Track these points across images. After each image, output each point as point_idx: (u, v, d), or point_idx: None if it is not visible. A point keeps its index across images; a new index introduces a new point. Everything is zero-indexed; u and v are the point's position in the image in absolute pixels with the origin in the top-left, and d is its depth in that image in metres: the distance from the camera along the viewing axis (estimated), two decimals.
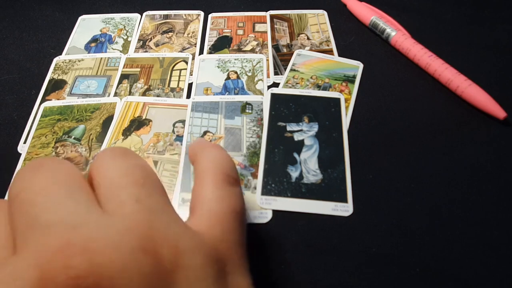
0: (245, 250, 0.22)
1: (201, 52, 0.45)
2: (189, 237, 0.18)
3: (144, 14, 0.51)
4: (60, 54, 0.46)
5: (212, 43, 0.46)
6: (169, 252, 0.17)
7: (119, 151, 0.21)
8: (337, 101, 0.39)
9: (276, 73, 0.42)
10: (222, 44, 0.46)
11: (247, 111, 0.38)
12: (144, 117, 0.38)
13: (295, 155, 0.35)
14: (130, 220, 0.17)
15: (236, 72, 0.42)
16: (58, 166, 0.19)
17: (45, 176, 0.18)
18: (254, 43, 0.46)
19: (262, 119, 0.37)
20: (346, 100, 0.39)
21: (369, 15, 0.46)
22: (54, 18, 0.51)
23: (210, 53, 0.45)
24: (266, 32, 0.47)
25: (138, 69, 0.43)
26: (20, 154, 0.36)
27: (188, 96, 0.40)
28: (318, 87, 0.40)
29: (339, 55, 0.44)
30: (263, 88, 0.41)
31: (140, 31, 0.48)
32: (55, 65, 0.44)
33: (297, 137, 0.36)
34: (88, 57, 0.45)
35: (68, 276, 0.14)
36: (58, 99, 0.40)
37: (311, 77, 0.41)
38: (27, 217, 0.17)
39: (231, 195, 0.22)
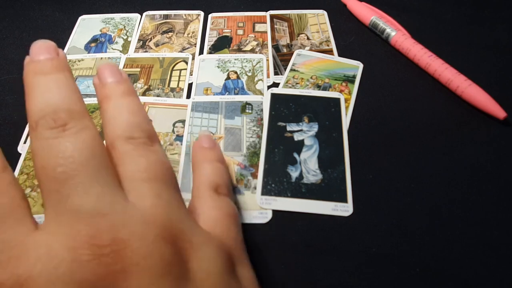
0: (244, 246, 0.24)
1: (201, 52, 0.45)
2: (200, 232, 0.20)
3: (144, 14, 0.51)
4: None
5: (212, 43, 0.46)
6: (185, 244, 0.18)
7: (143, 140, 0.21)
8: (337, 101, 0.39)
9: (276, 73, 0.42)
10: (222, 44, 0.46)
11: (247, 111, 0.38)
12: None
13: (295, 155, 0.35)
14: (151, 212, 0.18)
15: (236, 72, 0.42)
16: (82, 133, 0.19)
17: (72, 149, 0.18)
18: (254, 43, 0.46)
19: (262, 119, 0.37)
20: (346, 100, 0.39)
21: (369, 15, 0.46)
22: (54, 18, 0.51)
23: (210, 53, 0.45)
24: (266, 32, 0.47)
25: (138, 69, 0.43)
26: (20, 154, 0.36)
27: (188, 96, 0.40)
28: (318, 87, 0.40)
29: (339, 55, 0.44)
30: (263, 88, 0.41)
31: (140, 31, 0.48)
32: None
33: (297, 137, 0.36)
34: (88, 57, 0.45)
35: (99, 262, 0.16)
36: None
37: (311, 77, 0.41)
38: (58, 195, 0.17)
39: (223, 203, 0.25)
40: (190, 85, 0.41)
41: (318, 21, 0.49)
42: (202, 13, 0.50)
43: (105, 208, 0.17)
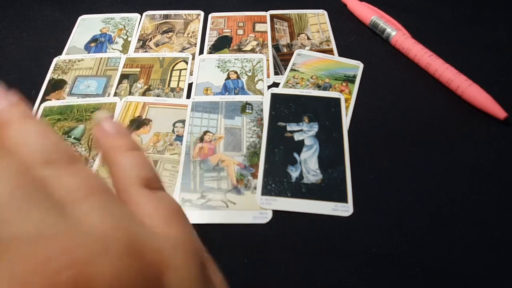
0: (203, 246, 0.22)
1: (201, 52, 0.45)
2: (164, 239, 0.18)
3: (144, 14, 0.51)
4: (60, 54, 0.46)
5: (212, 43, 0.46)
6: (153, 256, 0.16)
7: (68, 158, 0.19)
8: (337, 101, 0.39)
9: (276, 73, 0.42)
10: (222, 44, 0.46)
11: (247, 111, 0.38)
12: (144, 117, 0.38)
13: (295, 155, 0.35)
14: (104, 228, 0.16)
15: (236, 72, 0.42)
16: (4, 162, 0.16)
17: (8, 188, 0.16)
18: (254, 43, 0.46)
19: (262, 119, 0.37)
20: (346, 100, 0.39)
21: (370, 15, 0.46)
22: (54, 18, 0.51)
23: (210, 53, 0.45)
24: (266, 32, 0.47)
25: (138, 69, 0.43)
26: None
27: (188, 96, 0.40)
28: (318, 87, 0.40)
29: (339, 55, 0.44)
30: (263, 88, 0.41)
31: (140, 31, 0.48)
32: (55, 65, 0.44)
33: (297, 137, 0.36)
34: (88, 57, 0.45)
35: None
36: (58, 99, 0.40)
37: (311, 77, 0.41)
38: None
39: (164, 200, 0.21)
40: (190, 85, 0.41)
41: (318, 21, 0.49)
42: (202, 13, 0.50)
43: (51, 230, 0.15)
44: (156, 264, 0.16)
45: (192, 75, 0.43)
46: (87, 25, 0.49)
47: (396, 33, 0.44)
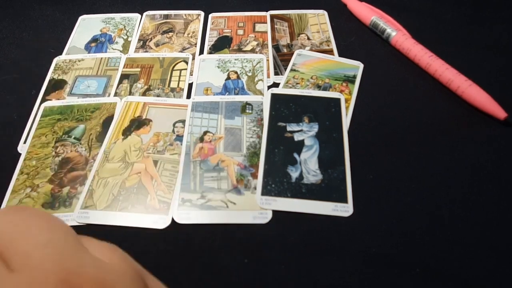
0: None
1: (201, 52, 0.45)
2: (108, 267, 0.17)
3: (144, 14, 0.51)
4: (60, 54, 0.46)
5: (212, 43, 0.46)
6: (93, 286, 0.16)
7: (5, 209, 0.18)
8: (337, 101, 0.39)
9: (276, 73, 0.42)
10: (222, 44, 0.46)
11: (247, 111, 0.38)
12: (144, 117, 0.38)
13: (295, 155, 0.35)
14: (40, 270, 0.15)
15: (236, 72, 0.42)
16: None
17: None
18: (254, 43, 0.46)
19: (262, 119, 0.37)
20: (346, 100, 0.39)
21: (370, 15, 0.46)
22: (54, 18, 0.51)
23: (210, 53, 0.45)
24: (266, 32, 0.47)
25: (138, 69, 0.43)
26: (20, 154, 0.36)
27: (188, 96, 0.40)
28: (318, 87, 0.40)
29: (339, 55, 0.44)
30: (263, 88, 0.41)
31: (140, 31, 0.48)
32: (55, 65, 0.44)
33: (297, 137, 0.36)
34: (88, 57, 0.45)
35: None
36: (58, 99, 0.40)
37: (311, 77, 0.41)
38: None
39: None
40: (190, 85, 0.41)
41: (318, 21, 0.49)
42: (202, 13, 0.50)
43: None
44: None
45: (192, 75, 0.43)
46: (88, 25, 0.50)
47: (396, 33, 0.44)
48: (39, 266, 0.15)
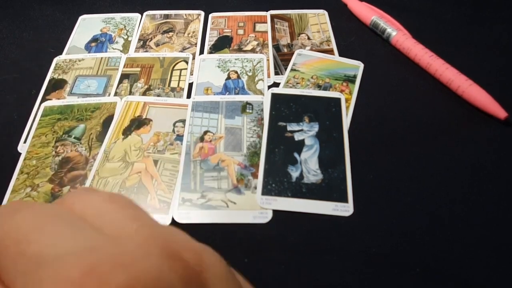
0: None
1: (201, 52, 0.45)
2: (193, 241, 0.18)
3: (145, 14, 0.51)
4: (60, 53, 0.46)
5: (212, 43, 0.46)
6: (191, 255, 0.17)
7: (86, 189, 0.19)
8: (337, 101, 0.39)
9: (276, 73, 0.42)
10: (222, 44, 0.46)
11: (247, 111, 0.38)
12: (144, 117, 0.38)
13: (296, 155, 0.35)
14: (140, 236, 0.16)
15: (236, 72, 0.42)
16: (34, 204, 0.17)
17: (29, 214, 0.16)
18: (255, 43, 0.46)
19: (262, 119, 0.37)
20: (347, 100, 0.39)
21: (370, 15, 0.46)
22: (54, 18, 0.51)
23: (210, 53, 0.45)
24: (266, 32, 0.47)
25: (139, 69, 0.43)
26: (20, 154, 0.36)
27: (189, 96, 0.40)
28: (319, 87, 0.40)
29: (340, 55, 0.44)
30: (264, 88, 0.41)
31: (141, 31, 0.48)
32: (55, 64, 0.44)
33: (297, 137, 0.36)
34: (88, 57, 0.45)
35: None
36: (58, 99, 0.40)
37: (312, 77, 0.41)
38: (24, 259, 0.15)
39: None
40: (190, 85, 0.41)
41: (318, 21, 0.49)
42: (202, 13, 0.50)
43: (88, 245, 0.15)
44: (195, 263, 0.16)
45: (192, 75, 0.43)
46: (88, 25, 0.50)
47: (396, 33, 0.44)
48: (138, 233, 0.16)
